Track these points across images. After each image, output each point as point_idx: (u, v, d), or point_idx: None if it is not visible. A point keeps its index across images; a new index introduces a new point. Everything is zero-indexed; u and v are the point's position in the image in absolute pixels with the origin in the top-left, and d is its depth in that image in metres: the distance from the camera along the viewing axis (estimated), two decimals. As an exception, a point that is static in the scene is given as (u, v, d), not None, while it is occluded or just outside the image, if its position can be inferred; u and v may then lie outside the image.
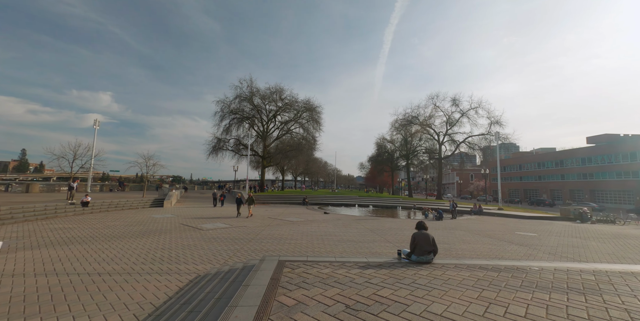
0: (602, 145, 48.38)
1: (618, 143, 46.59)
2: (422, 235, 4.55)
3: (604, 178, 46.28)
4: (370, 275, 3.87)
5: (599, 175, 47.23)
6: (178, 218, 14.19)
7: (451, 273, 4.11)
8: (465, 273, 4.05)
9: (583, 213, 19.26)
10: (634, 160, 42.24)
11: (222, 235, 9.80)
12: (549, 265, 4.69)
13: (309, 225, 13.56)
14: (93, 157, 26.12)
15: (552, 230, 14.15)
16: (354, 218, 18.09)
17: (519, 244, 9.77)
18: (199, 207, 21.70)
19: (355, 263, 4.43)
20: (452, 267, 4.28)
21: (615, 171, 44.65)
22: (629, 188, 42.55)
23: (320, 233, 11.07)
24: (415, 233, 4.71)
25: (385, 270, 4.08)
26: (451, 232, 12.38)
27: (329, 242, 9.09)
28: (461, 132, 43.58)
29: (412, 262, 4.56)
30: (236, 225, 12.66)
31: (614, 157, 45.27)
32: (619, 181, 43.93)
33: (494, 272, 4.09)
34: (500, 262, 4.80)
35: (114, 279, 4.82)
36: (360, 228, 12.75)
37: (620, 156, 44.07)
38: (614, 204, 44.22)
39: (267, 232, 10.84)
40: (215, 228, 11.51)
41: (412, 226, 14.16)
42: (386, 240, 9.70)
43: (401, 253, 4.88)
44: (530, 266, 4.50)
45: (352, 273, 3.88)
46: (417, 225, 4.95)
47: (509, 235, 12.12)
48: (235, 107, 42.68)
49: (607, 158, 46.31)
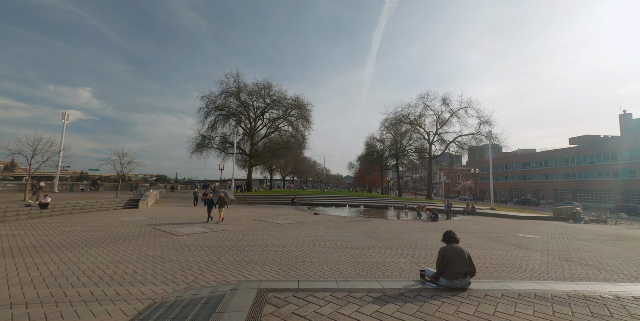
0: (584, 146, 49.70)
1: (599, 144, 47.99)
2: (454, 251, 3.38)
3: (586, 178, 47.51)
4: (393, 317, 2.64)
5: (582, 175, 48.47)
6: (151, 221, 12.67)
7: (506, 309, 2.87)
8: (525, 308, 2.90)
9: (576, 213, 19.05)
10: (614, 161, 43.50)
11: (198, 242, 8.48)
12: (618, 290, 3.68)
13: (298, 228, 12.39)
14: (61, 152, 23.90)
15: (552, 232, 13.60)
16: (346, 219, 17.06)
17: (528, 248, 8.98)
18: (179, 208, 20.06)
19: (367, 292, 3.19)
20: (499, 297, 3.14)
21: (596, 171, 45.88)
22: (610, 187, 43.79)
23: (311, 237, 9.93)
24: (445, 248, 3.54)
25: (412, 307, 2.86)
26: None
27: (322, 249, 7.96)
28: (451, 132, 43.59)
29: (441, 288, 3.43)
30: (217, 229, 11.33)
31: (595, 157, 46.52)
32: (600, 181, 45.17)
33: (561, 305, 2.91)
34: (554, 285, 3.75)
35: (28, 313, 3.49)
36: (355, 232, 11.70)
37: (602, 157, 45.32)
38: (595, 203, 45.42)
39: (251, 237, 9.59)
40: (192, 233, 10.15)
41: (409, 228, 13.26)
42: (386, 246, 8.68)
43: (425, 275, 3.72)
44: (597, 292, 3.47)
45: (367, 313, 2.68)
46: (446, 236, 3.75)
47: (512, 237, 11.39)
48: (221, 103, 40.80)
49: (589, 158, 47.56)
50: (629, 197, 41.46)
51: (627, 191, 41.81)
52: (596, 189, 46.25)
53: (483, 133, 39.27)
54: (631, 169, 41.09)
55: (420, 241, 9.70)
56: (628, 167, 41.62)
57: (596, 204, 44.21)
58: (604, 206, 40.90)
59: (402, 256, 7.29)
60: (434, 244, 9.25)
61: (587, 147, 48.70)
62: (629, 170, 41.37)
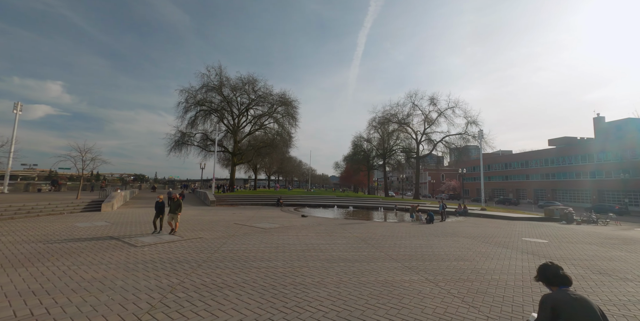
0: (562, 147, 51.35)
1: (575, 146, 49.71)
2: (576, 306, 1.78)
3: (565, 178, 49.04)
4: None
5: (560, 175, 49.99)
6: (110, 228, 10.72)
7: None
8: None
9: (568, 214, 18.77)
10: (590, 162, 45.04)
11: (161, 256, 6.80)
12: None
13: (285, 233, 10.88)
14: (12, 147, 21.00)
15: (554, 235, 12.90)
16: (336, 222, 15.71)
17: (546, 257, 7.99)
18: (151, 210, 17.92)
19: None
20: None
21: (574, 171, 47.40)
22: (586, 187, 45.31)
23: (300, 246, 8.46)
24: (554, 296, 1.90)
25: None
26: (455, 241, 10.44)
27: (315, 263, 6.53)
28: (439, 131, 43.46)
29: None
30: (190, 236, 9.61)
31: (573, 158, 48.07)
32: (578, 181, 46.66)
33: None
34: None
35: None
36: (349, 237, 10.36)
37: (580, 157, 46.86)
38: (573, 203, 46.89)
39: (229, 247, 8.00)
40: (157, 242, 8.39)
41: (407, 233, 12.09)
42: (389, 257, 7.37)
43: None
44: None
45: None
46: (549, 274, 2.10)
47: (519, 242, 10.47)
48: (202, 97, 38.31)
49: (567, 159, 49.11)
50: (603, 196, 43.03)
51: (601, 191, 43.38)
52: (573, 189, 47.81)
53: (470, 133, 39.35)
54: (606, 170, 42.65)
55: (425, 250, 8.49)
56: (602, 168, 43.19)
57: (574, 203, 45.57)
58: (581, 205, 42.18)
59: (414, 272, 6.00)
60: (442, 253, 8.07)
61: (565, 148, 50.33)
62: (604, 171, 42.92)
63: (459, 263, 6.93)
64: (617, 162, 40.69)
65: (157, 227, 10.15)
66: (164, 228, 10.40)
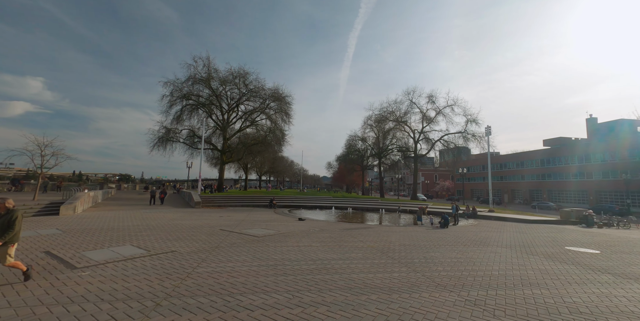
0: (558, 148, 51.02)
1: (570, 146, 49.43)
2: None
3: (561, 179, 48.62)
4: None
5: (556, 175, 49.58)
6: (58, 239, 8.31)
7: None
8: None
9: (588, 217, 17.34)
10: (588, 162, 44.66)
11: (103, 285, 4.54)
12: None
13: (283, 243, 8.72)
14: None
15: (595, 242, 11.23)
16: (340, 227, 13.64)
17: (628, 276, 6.16)
18: (126, 212, 15.40)
19: None
20: None
21: (571, 172, 46.98)
22: (584, 188, 44.91)
23: (306, 263, 6.35)
24: None
25: None
26: (494, 252, 8.54)
27: (335, 296, 4.43)
28: (437, 130, 42.06)
29: None
30: (159, 249, 7.34)
31: (570, 158, 47.68)
32: (575, 182, 46.23)
33: None
34: None
35: None
36: (364, 249, 8.30)
37: (577, 158, 46.47)
38: (568, 203, 46.45)
39: (209, 267, 5.80)
40: (110, 260, 6.10)
41: (428, 240, 10.12)
42: (434, 283, 5.34)
43: None
44: None
45: None
46: None
47: (568, 253, 8.67)
48: (189, 90, 35.53)
49: (564, 159, 48.72)
50: (601, 197, 42.64)
51: (598, 191, 43.00)
52: (570, 190, 47.35)
53: (470, 132, 38.11)
54: (603, 170, 42.28)
55: (469, 267, 6.53)
56: (599, 169, 42.83)
57: (571, 205, 45.04)
58: (578, 206, 41.62)
59: (490, 314, 3.98)
60: (495, 273, 6.12)
61: (562, 148, 49.95)
62: (601, 171, 42.55)
63: (535, 291, 4.97)
64: (616, 162, 40.31)
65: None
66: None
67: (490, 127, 25.58)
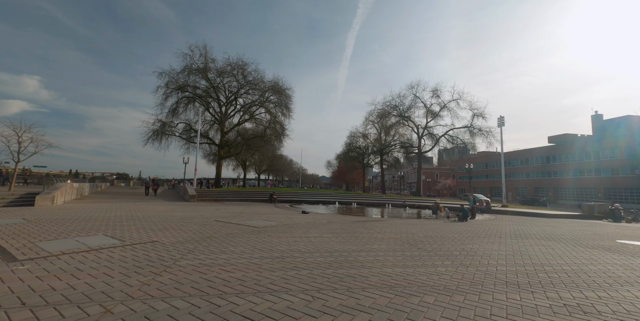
0: (563, 144, 49.83)
1: (576, 143, 48.27)
2: None
3: (567, 176, 47.45)
4: None
5: (562, 173, 48.41)
6: (16, 228, 6.88)
7: None
8: None
9: (615, 211, 16.05)
10: (597, 158, 43.52)
11: (40, 285, 3.15)
12: None
13: (288, 234, 7.33)
14: None
15: (636, 235, 9.93)
16: (348, 219, 12.25)
17: None
18: (112, 204, 13.91)
19: None
20: None
21: (578, 169, 45.83)
22: (590, 185, 43.78)
23: (321, 255, 4.96)
24: None
25: None
26: (543, 244, 7.19)
27: (378, 306, 3.06)
28: (442, 125, 40.78)
29: None
30: (138, 239, 5.93)
31: (577, 155, 46.51)
32: (581, 178, 45.10)
33: None
34: None
35: None
36: (385, 240, 6.92)
37: (584, 154, 45.32)
38: (575, 201, 45.29)
39: (193, 261, 4.40)
40: (70, 250, 4.69)
41: (455, 232, 8.77)
42: (496, 278, 3.97)
43: None
44: None
45: None
46: None
47: (624, 246, 7.34)
48: (184, 81, 34.00)
49: (570, 156, 47.56)
50: (609, 193, 41.52)
51: (607, 188, 41.87)
52: (576, 187, 46.19)
53: (477, 126, 36.83)
54: (612, 167, 41.17)
55: (529, 261, 5.17)
56: (607, 165, 41.73)
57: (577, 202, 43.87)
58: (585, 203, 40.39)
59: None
60: (565, 267, 4.77)
61: (566, 145, 48.75)
62: (610, 168, 41.43)
63: (627, 294, 3.61)
64: (625, 158, 39.18)
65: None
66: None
67: (504, 117, 24.23)
